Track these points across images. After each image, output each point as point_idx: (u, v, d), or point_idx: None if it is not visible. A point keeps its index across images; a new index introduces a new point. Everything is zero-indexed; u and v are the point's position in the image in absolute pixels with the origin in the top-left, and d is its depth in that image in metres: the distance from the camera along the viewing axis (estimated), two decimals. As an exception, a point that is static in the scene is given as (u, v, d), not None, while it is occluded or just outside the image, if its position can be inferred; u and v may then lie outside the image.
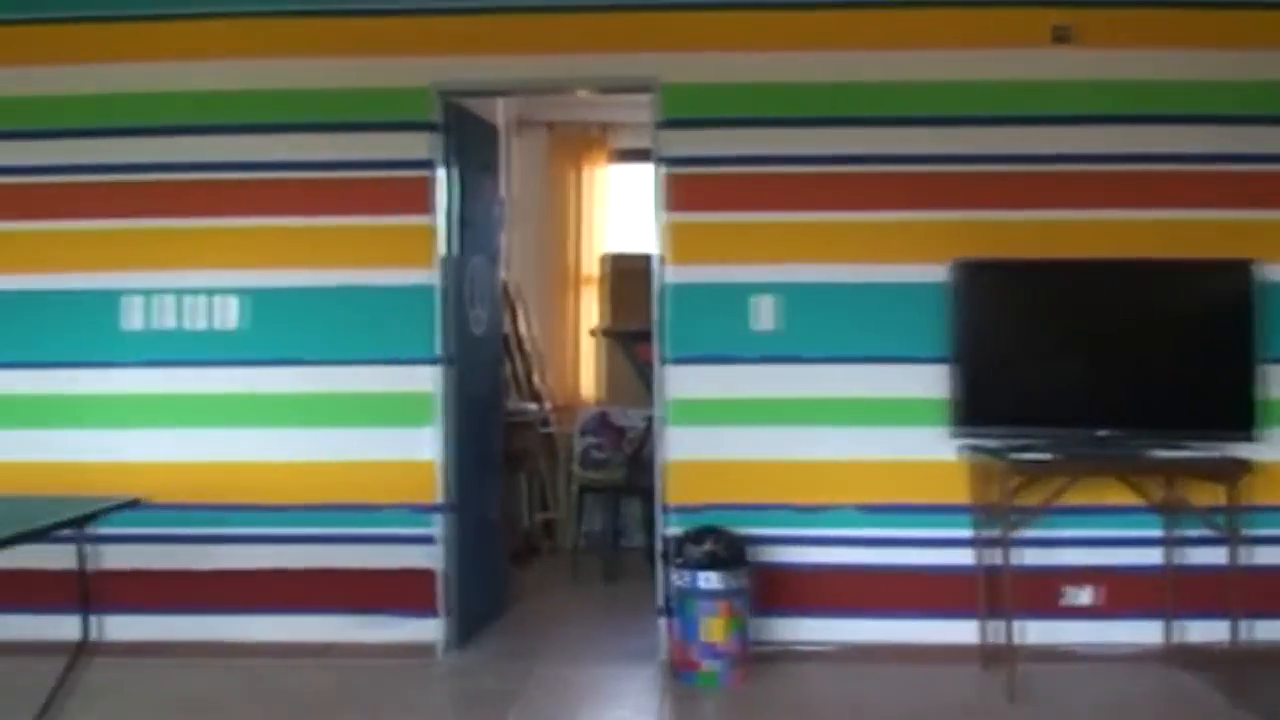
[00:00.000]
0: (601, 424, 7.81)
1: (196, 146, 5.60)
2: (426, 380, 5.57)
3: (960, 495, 5.45)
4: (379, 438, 5.57)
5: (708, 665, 5.17)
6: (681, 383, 5.53)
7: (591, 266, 8.72)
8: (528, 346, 8.36)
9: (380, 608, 5.58)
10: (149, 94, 5.63)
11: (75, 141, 5.64)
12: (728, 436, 5.51)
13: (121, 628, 5.42)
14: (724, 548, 5.22)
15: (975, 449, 5.31)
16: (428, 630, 5.59)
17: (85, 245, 5.64)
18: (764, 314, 5.51)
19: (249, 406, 5.60)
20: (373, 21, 5.59)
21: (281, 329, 5.59)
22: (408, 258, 5.56)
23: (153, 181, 5.63)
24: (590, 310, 8.73)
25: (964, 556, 5.45)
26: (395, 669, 5.39)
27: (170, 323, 5.62)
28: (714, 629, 5.16)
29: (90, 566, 3.72)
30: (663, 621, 5.45)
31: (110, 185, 5.63)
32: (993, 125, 5.47)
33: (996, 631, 5.27)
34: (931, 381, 5.43)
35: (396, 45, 5.58)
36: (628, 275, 8.07)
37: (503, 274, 6.98)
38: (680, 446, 5.53)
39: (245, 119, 5.60)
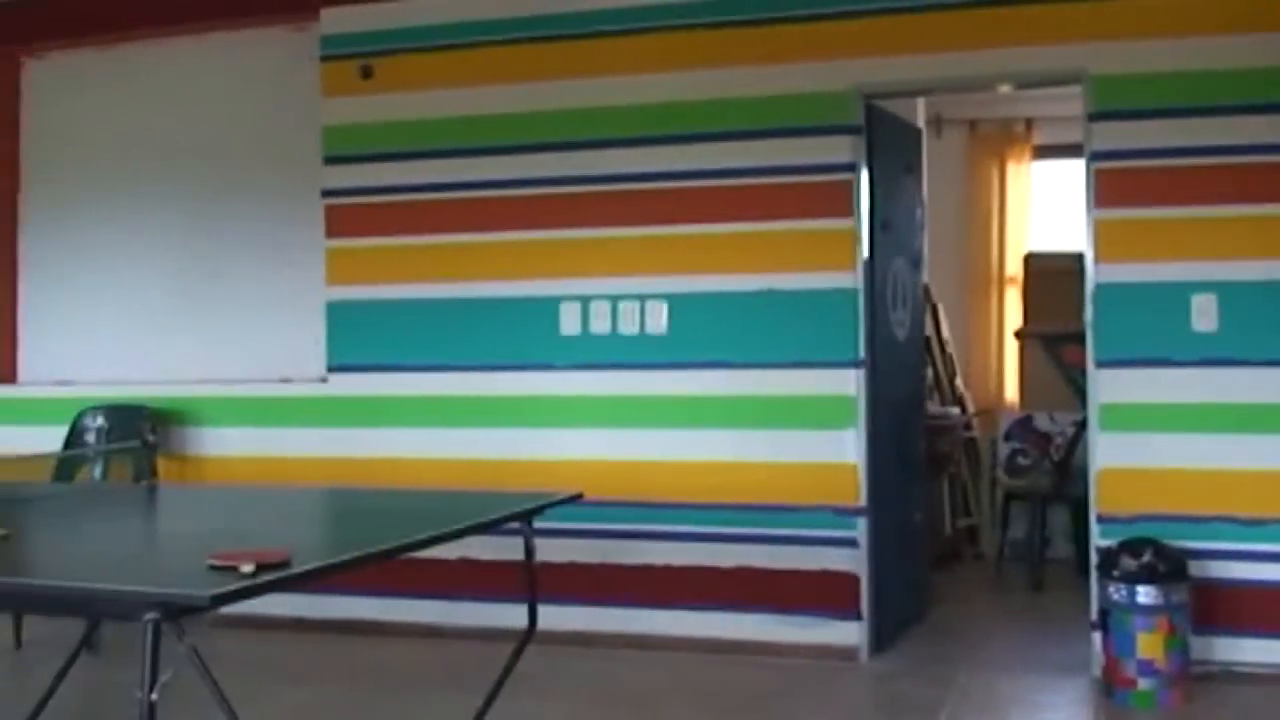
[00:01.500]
0: (1025, 429, 7.59)
1: (627, 159, 5.83)
2: (848, 383, 5.57)
3: None
4: (801, 440, 5.61)
5: (1144, 683, 4.92)
6: (1114, 387, 5.29)
7: (1013, 267, 8.49)
8: (949, 349, 8.23)
9: (801, 608, 5.62)
10: (582, 109, 5.91)
11: (517, 157, 5.99)
12: (1163, 443, 5.22)
13: (556, 617, 5.69)
14: (1163, 560, 4.96)
15: None
16: (849, 633, 5.59)
17: (527, 255, 5.98)
18: (1204, 314, 5.19)
19: (676, 408, 5.77)
20: (792, 27, 5.64)
21: (706, 332, 5.73)
22: (829, 261, 5.58)
23: (587, 193, 5.90)
24: (1012, 312, 8.50)
25: None
26: (815, 670, 5.42)
27: (604, 327, 5.87)
28: (1152, 645, 4.91)
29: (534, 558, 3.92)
30: (1096, 635, 5.23)
31: (548, 198, 5.95)
32: None
33: None
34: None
35: (817, 49, 5.61)
36: (1051, 275, 7.80)
37: (924, 276, 6.89)
38: (1112, 453, 5.29)
39: (673, 130, 5.77)
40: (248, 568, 2.56)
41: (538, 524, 3.85)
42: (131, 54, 6.98)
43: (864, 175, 5.64)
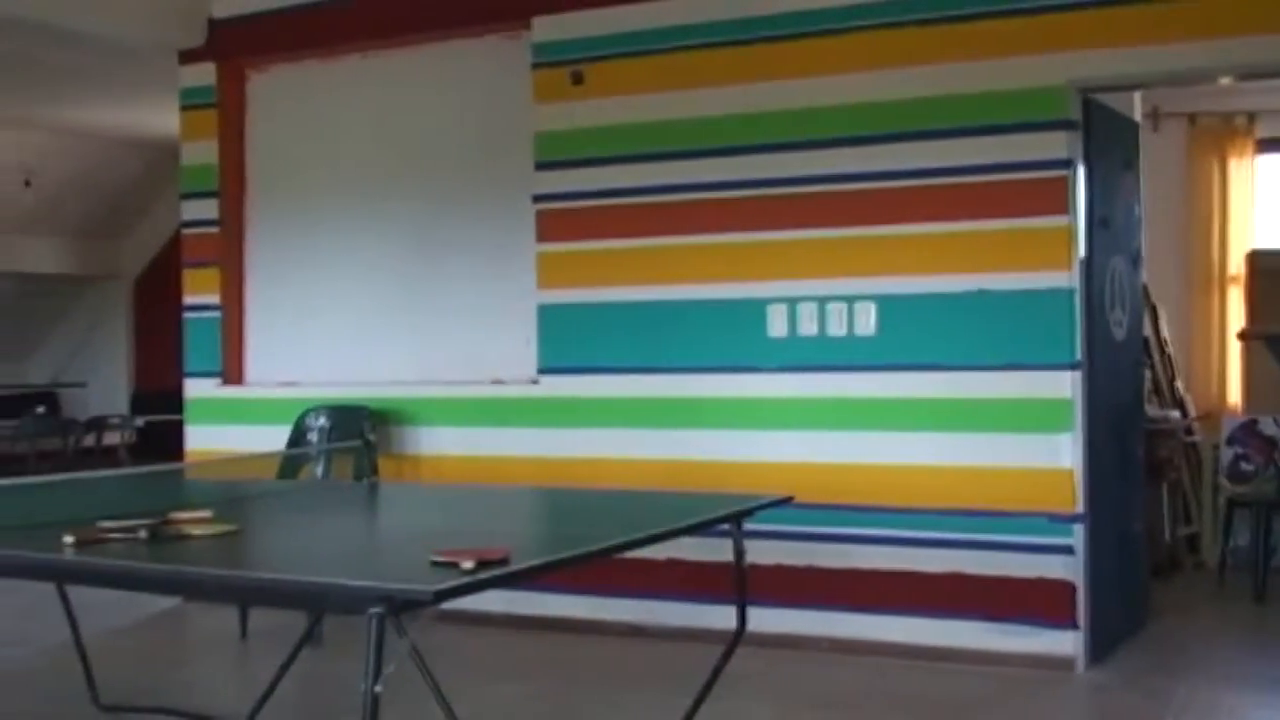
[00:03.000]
0: (1249, 433, 7.29)
1: (835, 159, 5.78)
2: (1064, 385, 5.41)
3: None
4: (1014, 444, 5.47)
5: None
6: (1350, 390, 5.04)
7: (1236, 265, 8.16)
8: (1169, 351, 7.95)
9: (1013, 616, 5.48)
10: (790, 111, 5.88)
11: (725, 160, 5.99)
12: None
13: (761, 619, 5.68)
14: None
15: None
16: (1064, 643, 5.43)
17: (734, 257, 5.98)
18: None
19: (885, 410, 5.70)
20: (1004, 22, 5.51)
21: (916, 334, 5.64)
22: (1044, 260, 5.43)
23: (795, 195, 5.86)
24: (1235, 312, 8.17)
25: None
26: (1028, 680, 5.29)
27: (812, 329, 5.83)
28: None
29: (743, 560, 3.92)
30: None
31: (756, 200, 5.93)
32: None
33: None
34: None
35: (1030, 43, 5.47)
36: (1277, 274, 7.48)
37: (1143, 276, 6.66)
38: (1349, 460, 5.04)
39: (882, 129, 5.70)
40: (468, 564, 2.62)
41: (750, 526, 3.86)
42: (349, 66, 7.21)
43: (1081, 172, 5.49)
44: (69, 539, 3.14)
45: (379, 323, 7.10)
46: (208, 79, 7.46)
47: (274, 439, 6.74)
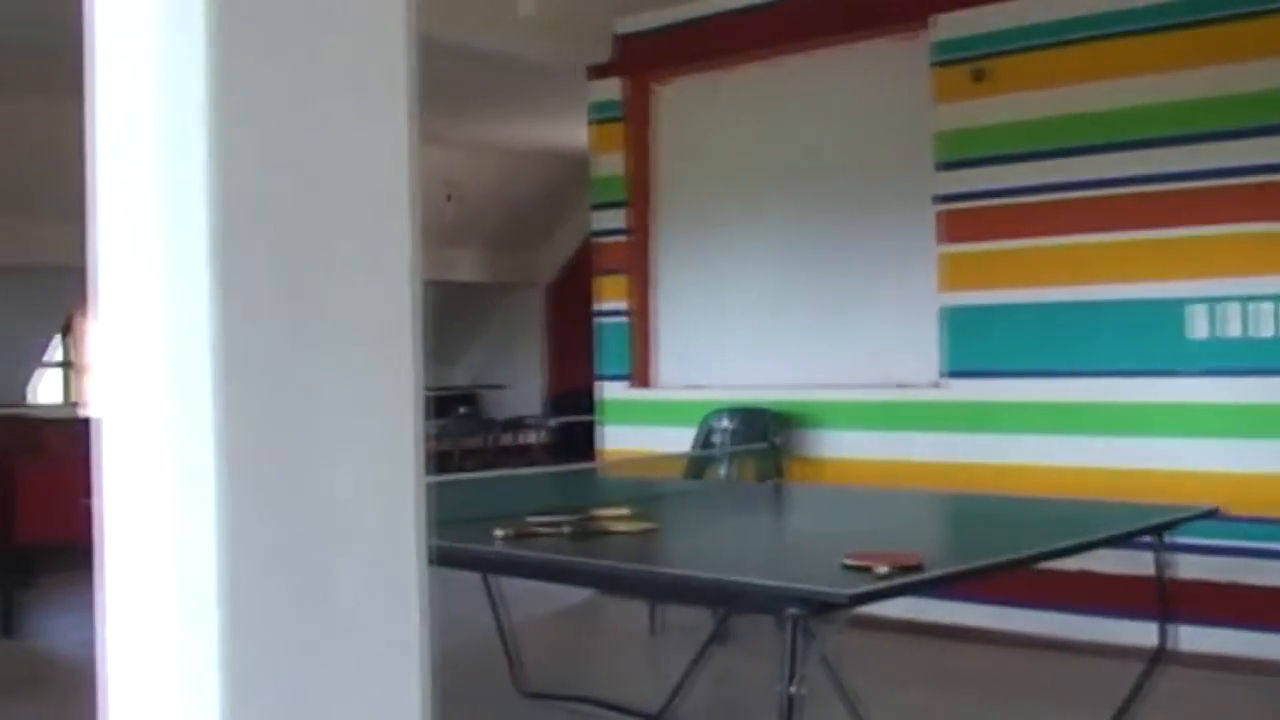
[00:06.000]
0: None
1: (1260, 149, 5.42)
2: None
3: None
4: None
5: None
6: None
7: None
8: None
9: None
10: (1205, 99, 5.56)
11: (1135, 153, 5.72)
12: None
13: (1184, 638, 5.39)
14: None
15: None
16: None
17: (1148, 255, 5.71)
18: None
19: (1321, 418, 5.31)
20: None
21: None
22: None
23: (1213, 188, 5.53)
24: None
25: None
26: None
27: (1235, 331, 5.50)
28: None
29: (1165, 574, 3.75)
30: None
31: (1170, 194, 5.63)
32: None
33: None
34: None
35: None
36: None
37: None
38: None
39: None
40: (882, 569, 2.62)
41: (1173, 539, 3.68)
42: (747, 75, 7.34)
43: None
44: (500, 532, 3.34)
45: (780, 327, 7.18)
46: (615, 93, 7.77)
47: (680, 440, 6.94)
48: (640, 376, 7.70)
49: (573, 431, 11.50)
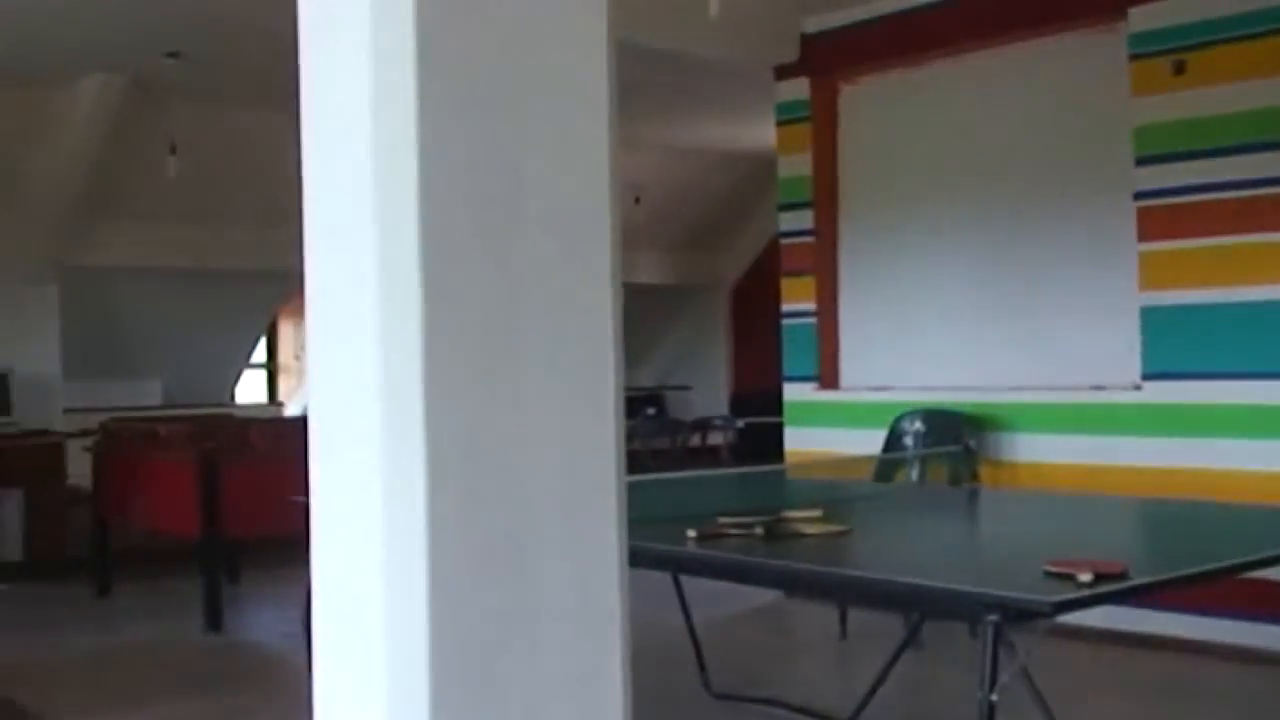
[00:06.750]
0: None
1: None
2: None
3: None
4: None
5: None
6: None
7: None
8: None
9: None
10: None
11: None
12: None
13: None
14: None
15: None
16: None
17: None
18: None
19: None
20: None
21: None
22: None
23: None
24: None
25: None
26: None
27: None
28: None
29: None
30: None
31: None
32: None
33: None
34: None
35: None
36: None
37: None
38: None
39: None
40: (1085, 577, 2.56)
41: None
42: (934, 72, 7.22)
43: None
44: (691, 533, 3.36)
45: (970, 327, 7.06)
46: (801, 93, 7.72)
47: (868, 442, 6.87)
48: (827, 378, 7.65)
49: (760, 432, 11.47)
